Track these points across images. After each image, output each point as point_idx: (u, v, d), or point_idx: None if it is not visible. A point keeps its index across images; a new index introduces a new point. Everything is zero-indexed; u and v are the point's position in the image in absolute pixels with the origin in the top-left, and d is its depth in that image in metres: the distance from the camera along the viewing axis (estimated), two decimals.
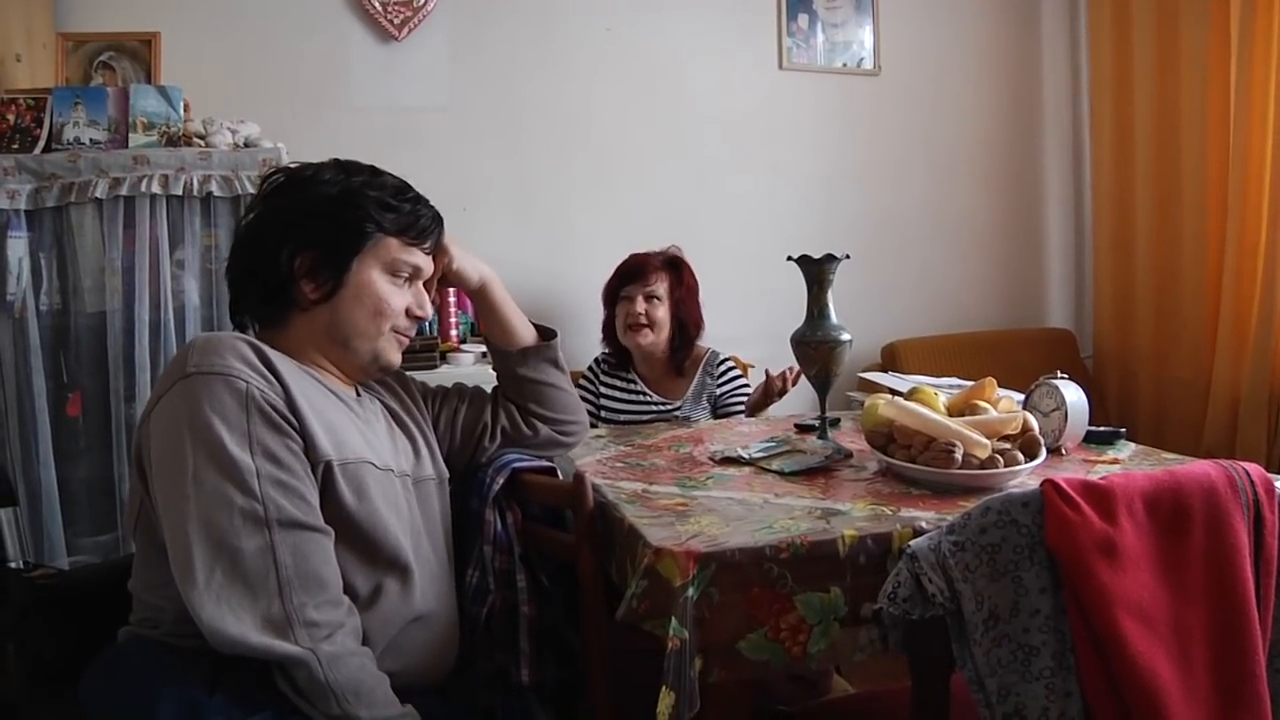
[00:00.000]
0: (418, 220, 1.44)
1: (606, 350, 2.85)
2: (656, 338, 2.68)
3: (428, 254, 1.47)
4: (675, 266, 2.76)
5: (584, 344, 3.15)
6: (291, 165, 1.46)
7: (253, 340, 1.28)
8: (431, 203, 1.49)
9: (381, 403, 1.52)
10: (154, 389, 1.29)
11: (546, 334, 1.70)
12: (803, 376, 2.05)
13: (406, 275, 1.44)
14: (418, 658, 1.37)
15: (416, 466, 1.49)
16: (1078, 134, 4.09)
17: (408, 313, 1.44)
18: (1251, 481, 1.30)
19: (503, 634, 1.52)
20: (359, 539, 1.29)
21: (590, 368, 2.87)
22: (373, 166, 1.47)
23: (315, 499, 1.24)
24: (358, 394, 1.47)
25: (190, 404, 1.20)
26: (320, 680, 1.15)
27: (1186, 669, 1.22)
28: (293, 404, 1.25)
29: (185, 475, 1.17)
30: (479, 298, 1.63)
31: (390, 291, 1.41)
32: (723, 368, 2.72)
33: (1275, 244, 3.09)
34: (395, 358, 1.46)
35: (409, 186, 1.47)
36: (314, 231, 1.36)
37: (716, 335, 2.84)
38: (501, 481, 1.54)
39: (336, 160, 1.46)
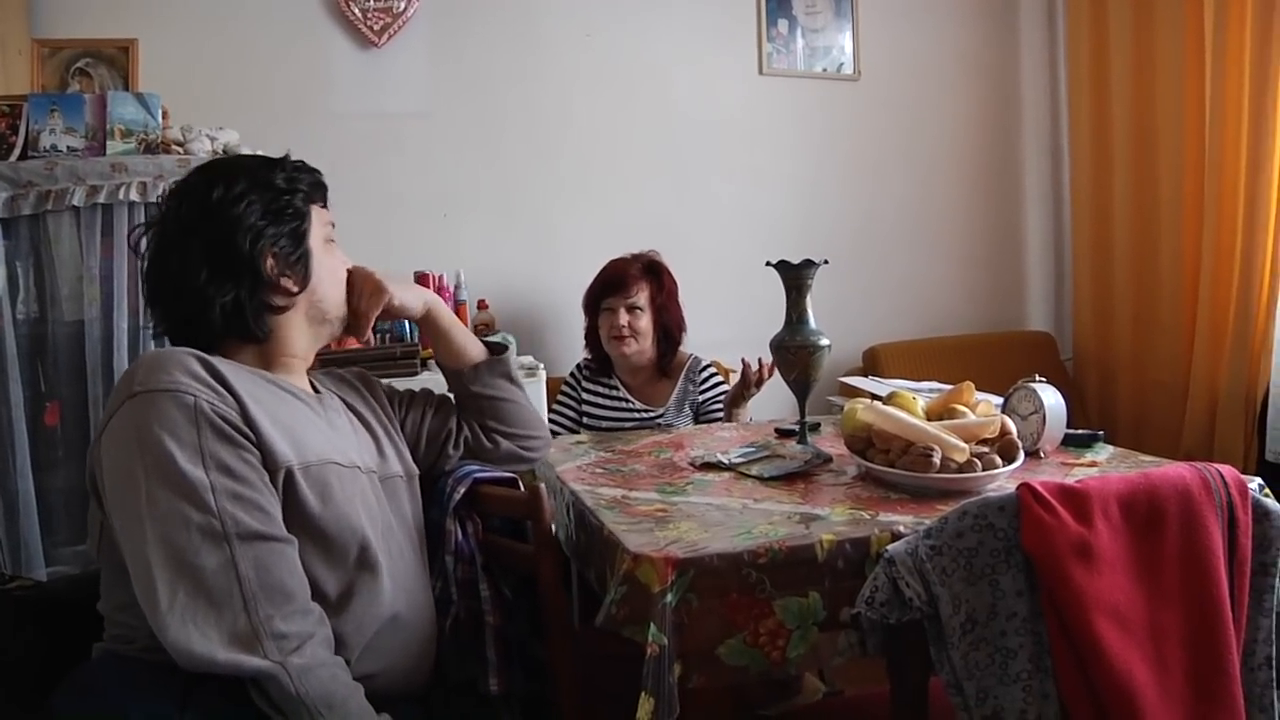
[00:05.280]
0: (321, 182, 1.47)
1: (589, 356, 2.85)
2: (640, 347, 2.67)
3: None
4: (655, 272, 2.76)
5: (567, 348, 3.16)
6: (187, 179, 1.42)
7: (200, 354, 1.26)
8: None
9: (342, 400, 1.51)
10: (104, 411, 1.27)
11: (496, 350, 1.69)
12: (784, 380, 2.06)
13: (333, 237, 1.48)
14: (397, 659, 1.36)
15: (382, 464, 1.48)
16: (1056, 138, 4.12)
17: None
18: (1225, 483, 1.31)
19: (469, 644, 1.51)
20: (325, 542, 1.28)
21: (572, 374, 2.87)
22: (247, 155, 1.50)
23: (275, 509, 1.22)
24: (316, 391, 1.46)
25: (139, 423, 1.18)
26: (291, 694, 1.13)
27: (1162, 670, 1.23)
28: (246, 414, 1.23)
29: (139, 496, 1.16)
30: (426, 324, 1.63)
31: (337, 257, 1.46)
32: (705, 374, 2.72)
33: (1251, 247, 3.12)
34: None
35: (287, 157, 1.47)
36: (265, 231, 1.36)
37: (697, 340, 2.84)
38: (462, 491, 1.54)
39: (220, 160, 1.48)
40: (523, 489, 1.55)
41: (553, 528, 1.49)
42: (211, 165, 1.43)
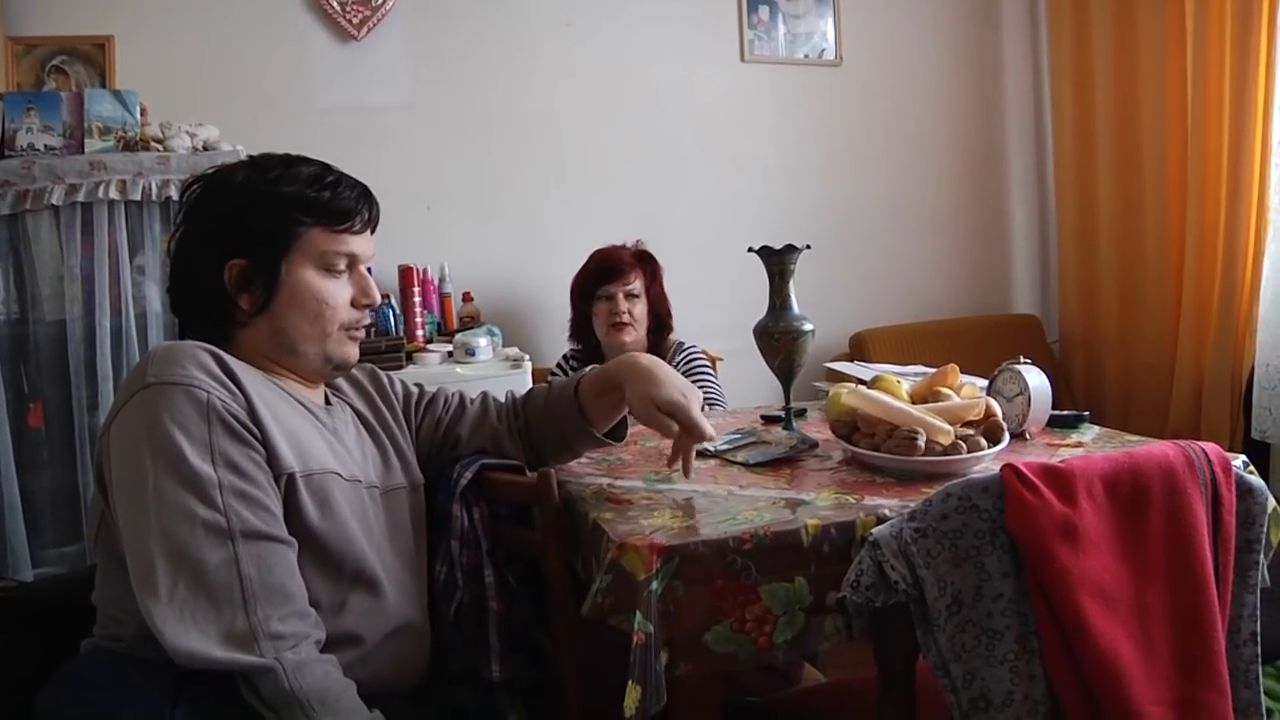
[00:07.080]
0: (339, 203, 1.36)
1: (576, 347, 2.84)
2: (639, 334, 2.68)
3: (360, 233, 1.39)
4: (646, 261, 2.77)
5: (553, 339, 3.15)
6: (209, 171, 1.39)
7: (214, 349, 1.26)
8: (355, 179, 1.41)
9: (352, 408, 1.50)
10: (114, 400, 1.26)
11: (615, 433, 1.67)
12: (769, 366, 2.05)
13: (343, 266, 1.38)
14: (385, 667, 1.35)
15: (385, 475, 1.47)
16: (1039, 122, 4.12)
17: (353, 304, 1.39)
18: (1209, 461, 1.31)
19: (472, 631, 1.50)
20: (322, 553, 1.27)
21: (559, 364, 2.86)
22: (287, 157, 1.38)
23: (279, 509, 1.22)
24: (327, 401, 1.45)
25: (150, 415, 1.18)
26: (285, 689, 1.12)
27: (1148, 648, 1.23)
28: (255, 414, 1.23)
29: (146, 487, 1.15)
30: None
31: (328, 288, 1.35)
32: (686, 352, 2.71)
33: (1234, 228, 3.13)
34: (350, 353, 1.41)
35: (327, 170, 1.38)
36: (235, 241, 1.32)
37: (684, 328, 2.84)
38: (469, 477, 1.53)
39: (250, 158, 1.40)
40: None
41: None
42: (235, 165, 1.39)
